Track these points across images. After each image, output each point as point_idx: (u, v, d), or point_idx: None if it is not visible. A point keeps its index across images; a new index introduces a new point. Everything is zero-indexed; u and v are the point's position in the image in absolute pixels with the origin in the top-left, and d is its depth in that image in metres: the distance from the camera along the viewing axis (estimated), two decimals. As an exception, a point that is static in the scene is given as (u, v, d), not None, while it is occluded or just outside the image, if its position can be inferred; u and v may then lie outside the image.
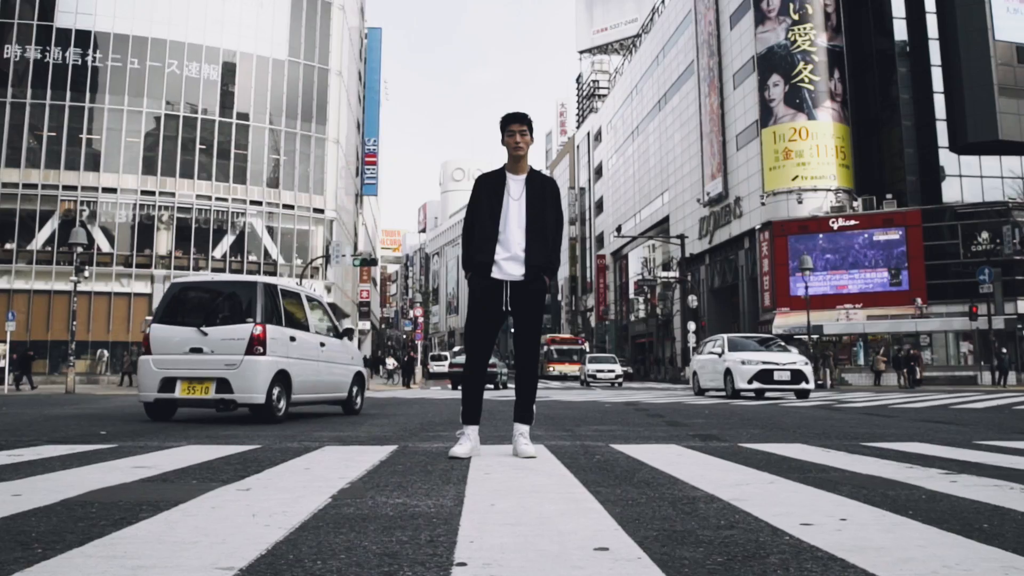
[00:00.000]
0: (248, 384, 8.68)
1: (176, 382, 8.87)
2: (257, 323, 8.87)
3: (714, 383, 19.27)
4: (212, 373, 8.78)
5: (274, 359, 8.98)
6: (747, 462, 4.55)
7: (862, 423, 8.80)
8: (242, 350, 8.75)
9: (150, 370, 9.12)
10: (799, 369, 17.60)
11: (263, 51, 50.18)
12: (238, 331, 8.86)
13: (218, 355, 8.81)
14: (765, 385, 17.31)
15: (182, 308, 9.45)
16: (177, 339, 9.02)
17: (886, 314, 41.90)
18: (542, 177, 5.04)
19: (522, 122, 4.94)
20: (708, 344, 21.19)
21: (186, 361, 8.91)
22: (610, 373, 38.29)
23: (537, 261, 4.81)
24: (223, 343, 8.84)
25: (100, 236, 45.44)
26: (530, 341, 4.91)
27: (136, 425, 8.13)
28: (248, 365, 8.71)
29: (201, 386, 8.79)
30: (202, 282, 10.77)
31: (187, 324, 9.07)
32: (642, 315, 71.41)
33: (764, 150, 47.89)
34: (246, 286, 9.57)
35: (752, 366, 17.53)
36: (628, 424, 8.59)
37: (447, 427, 7.98)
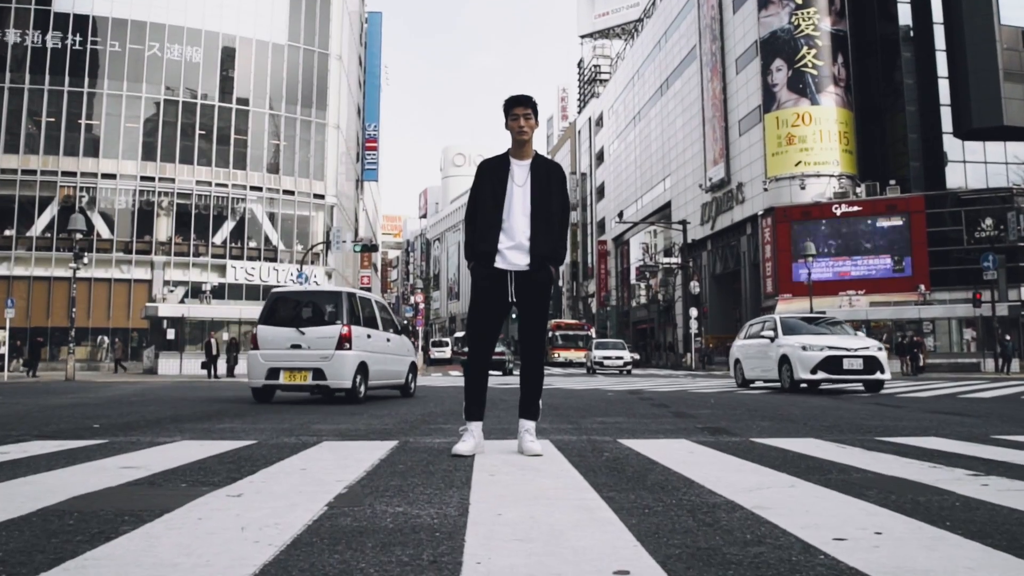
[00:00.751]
0: (339, 373, 10.77)
1: (280, 371, 10.93)
2: (344, 324, 10.98)
3: (764, 373, 16.46)
4: (309, 364, 10.83)
5: (357, 353, 11.04)
6: (763, 460, 4.37)
7: (872, 414, 8.62)
8: (333, 346, 10.84)
9: (258, 362, 11.12)
10: (873, 356, 14.50)
11: (262, 35, 49.87)
12: (330, 331, 10.95)
13: (314, 350, 10.88)
14: (832, 375, 14.32)
15: (280, 312, 11.61)
16: (279, 337, 11.09)
17: (889, 300, 41.70)
18: (547, 162, 4.84)
19: (526, 105, 4.74)
20: (754, 326, 17.98)
21: (287, 355, 10.98)
22: (618, 360, 35.80)
23: (542, 250, 4.62)
24: (318, 340, 10.90)
25: (100, 222, 45.26)
26: (535, 333, 4.72)
27: (131, 417, 7.96)
28: (338, 358, 10.81)
29: (300, 374, 10.89)
30: (296, 291, 13.53)
31: (286, 325, 11.20)
32: (643, 301, 71.23)
33: (767, 135, 47.58)
34: (333, 295, 11.94)
35: (815, 352, 14.37)
36: (633, 415, 8.41)
37: (449, 419, 7.81)
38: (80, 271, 36.20)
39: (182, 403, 10.94)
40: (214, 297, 43.96)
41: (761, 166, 47.89)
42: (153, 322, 38.42)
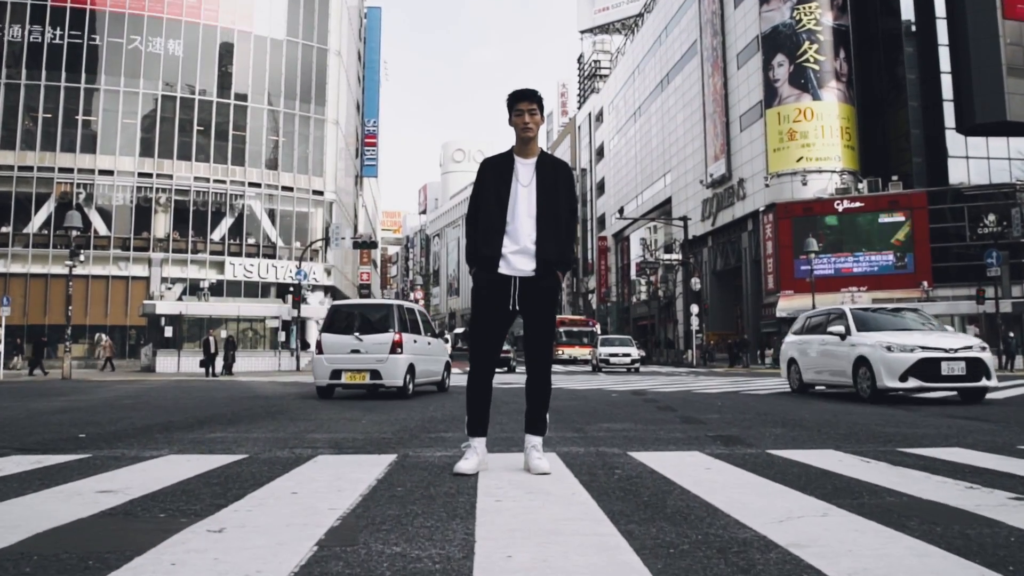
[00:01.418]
0: (392, 373, 12.63)
1: (342, 372, 12.73)
2: (396, 332, 12.80)
3: (831, 377, 13.30)
4: (367, 366, 12.63)
5: (407, 356, 12.80)
6: (786, 479, 4.10)
7: (886, 420, 8.35)
8: (387, 350, 12.67)
9: (323, 365, 12.92)
10: (977, 358, 11.40)
11: (261, 30, 49.57)
12: (384, 338, 12.77)
13: (371, 354, 12.68)
14: (927, 383, 11.23)
15: (339, 322, 13.39)
16: (341, 343, 12.91)
17: (892, 297, 41.39)
18: (554, 161, 4.56)
19: (531, 100, 4.46)
20: (815, 319, 14.71)
21: (348, 358, 12.77)
22: (625, 358, 33.76)
23: (549, 255, 4.35)
24: (374, 346, 12.71)
25: (97, 219, 45.00)
26: (542, 343, 4.44)
27: (119, 424, 7.68)
28: (392, 361, 12.65)
29: (359, 375, 12.67)
30: (352, 304, 15.37)
31: (345, 333, 12.99)
32: (644, 297, 70.95)
33: (768, 131, 47.30)
34: (385, 306, 13.71)
35: (905, 354, 11.28)
36: (640, 421, 8.14)
37: (450, 426, 7.54)
38: (77, 268, 35.89)
39: (175, 408, 10.67)
40: (213, 294, 43.68)
41: (762, 162, 47.61)
42: (151, 319, 38.15)
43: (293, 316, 37.96)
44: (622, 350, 34.28)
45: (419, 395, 13.76)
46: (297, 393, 14.83)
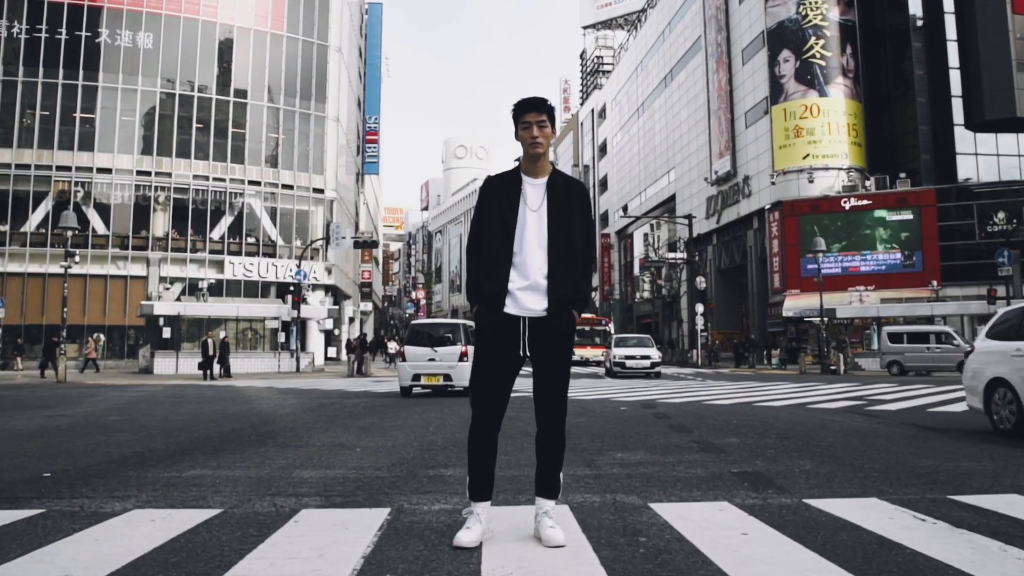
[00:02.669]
0: (461, 377, 16.24)
1: (420, 376, 16.74)
2: (463, 344, 16.55)
3: None
4: (441, 371, 16.54)
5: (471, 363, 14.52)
6: (841, 556, 3.52)
7: (917, 447, 7.78)
8: (456, 359, 16.46)
9: (406, 370, 16.92)
10: None
11: (261, 26, 48.96)
12: (454, 349, 16.59)
13: (444, 362, 16.53)
14: None
15: (418, 337, 17.35)
16: (420, 354, 16.79)
17: (900, 296, 40.84)
18: (567, 180, 3.96)
19: (540, 110, 3.86)
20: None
21: (425, 365, 16.69)
22: (644, 361, 29.51)
23: (563, 291, 3.76)
24: (446, 355, 16.54)
25: (95, 217, 44.47)
26: (555, 393, 3.84)
27: (94, 455, 7.10)
28: (460, 367, 16.33)
29: (435, 378, 16.63)
30: (428, 323, 18.65)
31: (423, 345, 16.87)
32: (647, 295, 70.38)
33: (774, 128, 46.68)
34: (454, 325, 17.48)
35: None
36: (655, 449, 7.56)
37: (450, 456, 6.97)
38: (76, 267, 35.35)
39: (160, 428, 10.10)
40: (212, 294, 43.14)
41: (768, 159, 47.00)
42: (149, 320, 37.63)
43: (293, 316, 37.42)
44: (640, 352, 29.96)
45: (419, 407, 13.21)
46: (292, 407, 14.27)
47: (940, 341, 30.82)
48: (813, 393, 17.58)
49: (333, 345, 51.18)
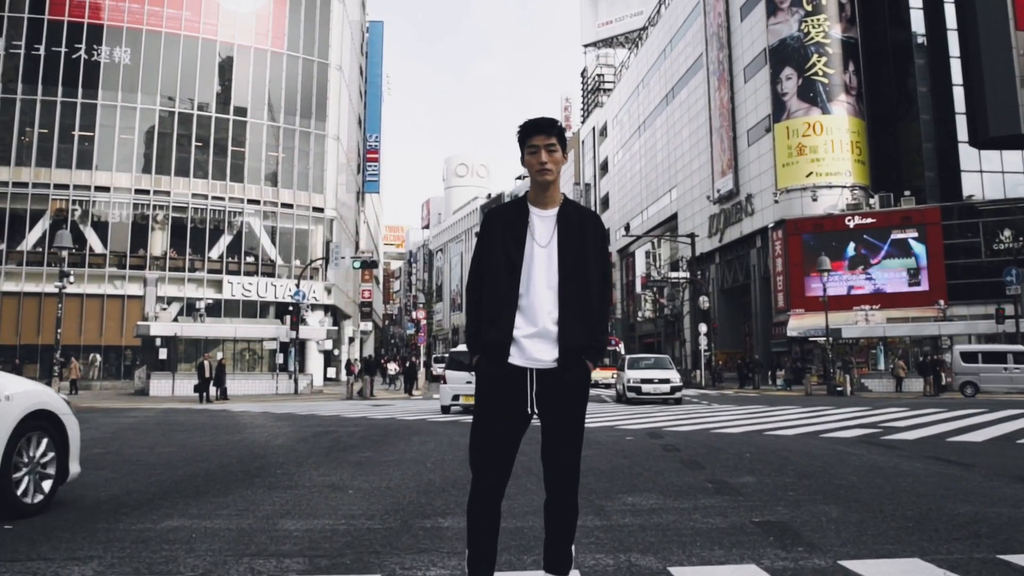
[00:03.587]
0: None
1: (459, 396, 19.42)
2: None
3: None
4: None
5: None
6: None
7: (950, 486, 7.30)
8: None
9: (447, 391, 19.96)
10: None
11: (261, 44, 48.75)
12: None
13: None
14: None
15: (457, 362, 19.78)
16: (459, 377, 19.31)
17: (906, 316, 40.38)
18: (580, 211, 3.49)
19: (549, 133, 3.41)
20: None
21: (464, 387, 19.07)
22: (663, 385, 25.08)
23: (576, 340, 3.29)
24: None
25: (93, 236, 44.08)
26: (567, 456, 3.35)
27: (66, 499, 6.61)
28: None
29: (471, 398, 17.59)
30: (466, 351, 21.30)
31: (462, 370, 19.02)
32: (649, 314, 69.91)
33: (777, 145, 46.39)
34: None
35: None
36: (668, 491, 7.08)
37: (448, 502, 6.49)
38: (72, 287, 34.94)
39: (144, 463, 9.62)
40: (211, 313, 42.68)
41: (771, 177, 46.67)
42: (145, 341, 37.16)
43: (291, 337, 36.94)
44: (658, 374, 25.65)
45: (418, 437, 12.74)
46: (286, 437, 13.78)
47: (1018, 361, 29.95)
48: (823, 418, 17.09)
49: (333, 365, 50.67)
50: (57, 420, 6.25)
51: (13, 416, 5.70)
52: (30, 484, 5.85)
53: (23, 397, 5.90)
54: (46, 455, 6.07)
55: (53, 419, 6.20)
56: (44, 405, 6.11)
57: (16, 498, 5.66)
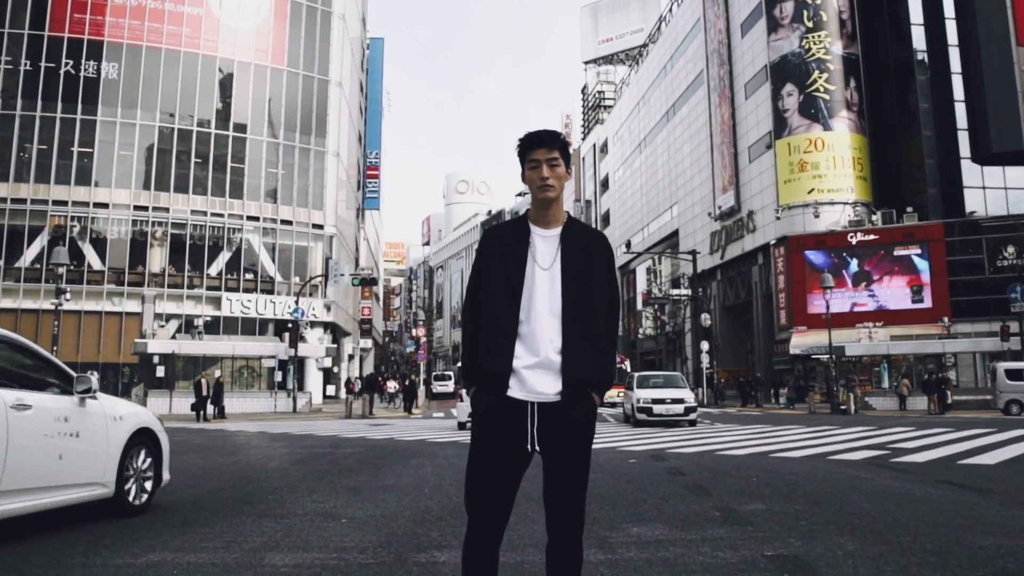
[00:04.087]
0: None
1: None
2: None
3: None
4: None
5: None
6: None
7: (968, 515, 7.01)
8: None
9: (464, 408, 20.40)
10: None
11: (261, 61, 48.72)
12: None
13: None
14: None
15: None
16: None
17: (909, 333, 40.07)
18: (586, 231, 3.23)
19: (551, 146, 3.15)
20: None
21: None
22: (676, 405, 22.93)
23: (581, 371, 3.02)
24: None
25: (91, 253, 43.92)
26: (571, 497, 3.07)
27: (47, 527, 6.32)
28: None
29: None
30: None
31: None
32: (650, 332, 69.58)
33: (778, 162, 46.22)
34: None
35: None
36: (675, 521, 6.79)
37: (445, 531, 6.22)
38: (70, 304, 34.69)
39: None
40: (209, 331, 42.43)
41: (772, 194, 46.48)
42: (143, 359, 36.88)
43: (290, 355, 36.66)
44: (670, 394, 23.40)
45: (416, 460, 12.45)
46: (281, 460, 13.48)
47: None
48: (829, 439, 16.78)
49: (332, 383, 50.37)
50: (154, 435, 7.62)
51: (124, 433, 7.01)
52: (136, 488, 7.17)
53: (131, 417, 7.28)
54: (146, 464, 7.43)
55: (151, 435, 7.56)
56: (145, 423, 7.51)
57: (127, 500, 6.99)
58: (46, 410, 6.04)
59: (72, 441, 6.28)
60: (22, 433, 5.64)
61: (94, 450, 6.56)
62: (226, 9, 48.03)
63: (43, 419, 5.97)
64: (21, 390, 5.86)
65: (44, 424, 5.97)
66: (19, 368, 6.20)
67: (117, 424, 6.90)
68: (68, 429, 6.25)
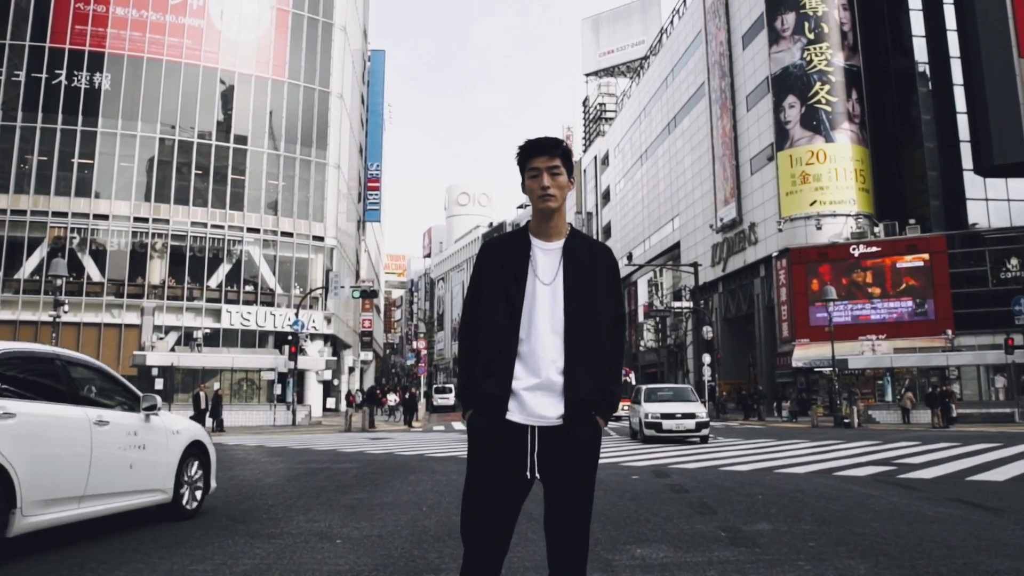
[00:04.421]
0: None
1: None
2: None
3: None
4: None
5: None
6: None
7: (981, 535, 6.80)
8: None
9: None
10: None
11: (262, 72, 48.68)
12: None
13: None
14: None
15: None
16: None
17: (912, 346, 39.84)
18: (589, 243, 3.06)
19: (552, 153, 2.99)
20: None
21: None
22: (687, 420, 21.41)
23: (585, 392, 2.84)
24: None
25: (91, 265, 43.76)
26: (574, 526, 2.88)
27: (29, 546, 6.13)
28: None
29: None
30: None
31: None
32: (652, 344, 69.33)
33: (780, 174, 46.09)
34: None
35: None
36: (677, 540, 6.59)
37: (442, 553, 6.02)
38: (69, 315, 34.51)
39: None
40: (209, 343, 42.23)
41: (774, 206, 46.34)
42: (141, 371, 36.70)
43: (290, 368, 36.46)
44: (681, 408, 21.85)
45: (415, 475, 12.24)
46: (277, 475, 13.26)
47: None
48: (834, 454, 16.57)
49: (332, 396, 50.13)
50: (204, 447, 8.50)
51: (180, 446, 7.92)
52: (189, 495, 8.04)
53: (186, 432, 8.18)
54: (198, 473, 8.29)
55: (201, 447, 8.44)
56: (197, 436, 8.40)
57: (182, 505, 7.86)
58: (120, 426, 6.92)
59: (140, 453, 7.15)
60: (102, 446, 6.53)
61: (157, 460, 7.44)
62: (227, 21, 48.00)
63: (118, 433, 6.85)
64: (100, 408, 6.76)
65: (119, 438, 6.85)
66: (97, 388, 7.11)
67: (175, 437, 7.83)
68: (137, 442, 7.13)
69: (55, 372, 6.48)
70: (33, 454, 5.67)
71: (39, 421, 5.90)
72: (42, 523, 5.79)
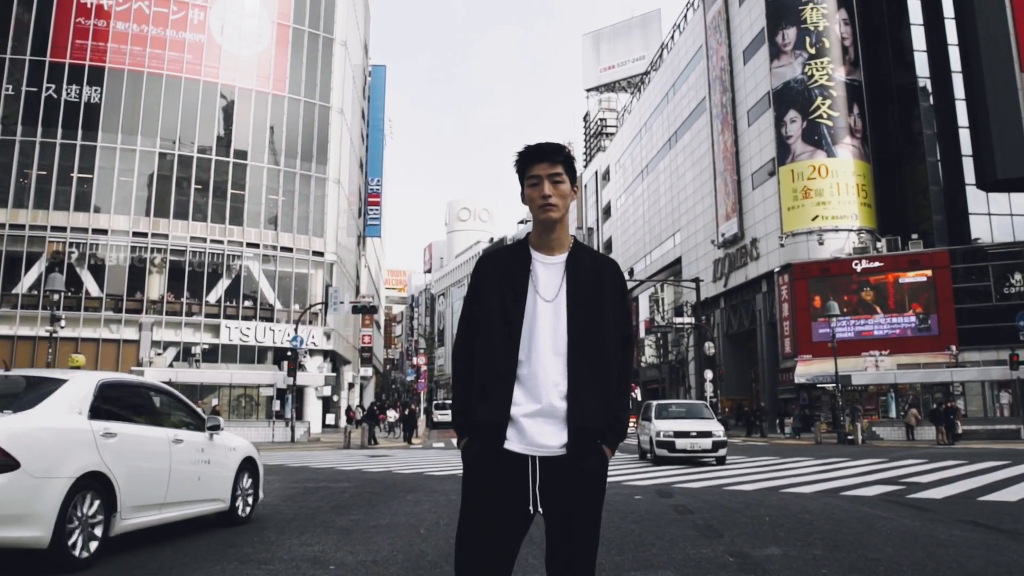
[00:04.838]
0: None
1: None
2: None
3: None
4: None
5: None
6: None
7: (999, 561, 6.56)
8: None
9: None
10: None
11: (263, 87, 48.61)
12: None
13: None
14: None
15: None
16: None
17: (916, 362, 39.54)
18: (594, 257, 2.82)
19: (553, 160, 2.76)
20: None
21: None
22: (703, 439, 19.37)
23: (590, 419, 2.61)
24: None
25: (89, 279, 43.55)
26: (578, 564, 2.64)
27: None
28: None
29: None
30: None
31: None
32: (653, 360, 69.01)
33: (782, 189, 45.93)
34: None
35: None
36: (683, 566, 6.32)
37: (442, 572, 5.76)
38: (67, 330, 34.25)
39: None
40: (208, 359, 41.96)
41: (776, 221, 46.15)
42: (139, 387, 36.36)
43: (289, 384, 36.18)
44: (696, 426, 19.98)
45: (412, 495, 11.97)
46: (272, 495, 12.99)
47: None
48: (840, 472, 16.29)
49: (332, 412, 49.79)
50: (254, 462, 9.47)
51: (236, 461, 8.90)
52: (242, 504, 9.01)
53: (241, 448, 9.18)
54: (249, 485, 9.23)
55: (252, 462, 9.42)
56: (249, 453, 9.38)
57: (237, 513, 8.81)
58: (191, 443, 7.92)
59: (206, 467, 8.13)
60: (178, 461, 7.54)
61: (219, 473, 8.43)
62: (227, 36, 47.97)
63: (190, 450, 7.85)
64: (175, 428, 7.76)
65: (190, 454, 7.85)
66: (172, 411, 8.11)
67: (232, 453, 8.84)
68: (204, 458, 8.13)
69: (141, 396, 7.76)
70: (129, 467, 6.63)
71: (133, 439, 6.92)
72: (134, 526, 6.82)
